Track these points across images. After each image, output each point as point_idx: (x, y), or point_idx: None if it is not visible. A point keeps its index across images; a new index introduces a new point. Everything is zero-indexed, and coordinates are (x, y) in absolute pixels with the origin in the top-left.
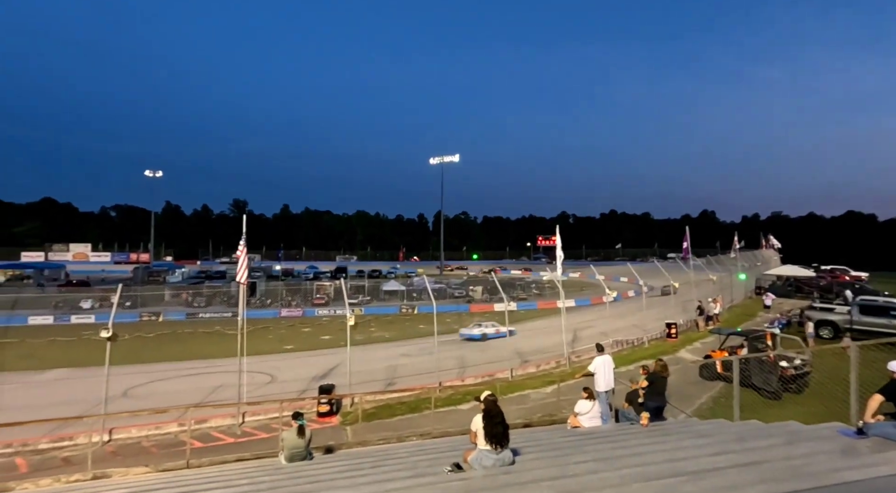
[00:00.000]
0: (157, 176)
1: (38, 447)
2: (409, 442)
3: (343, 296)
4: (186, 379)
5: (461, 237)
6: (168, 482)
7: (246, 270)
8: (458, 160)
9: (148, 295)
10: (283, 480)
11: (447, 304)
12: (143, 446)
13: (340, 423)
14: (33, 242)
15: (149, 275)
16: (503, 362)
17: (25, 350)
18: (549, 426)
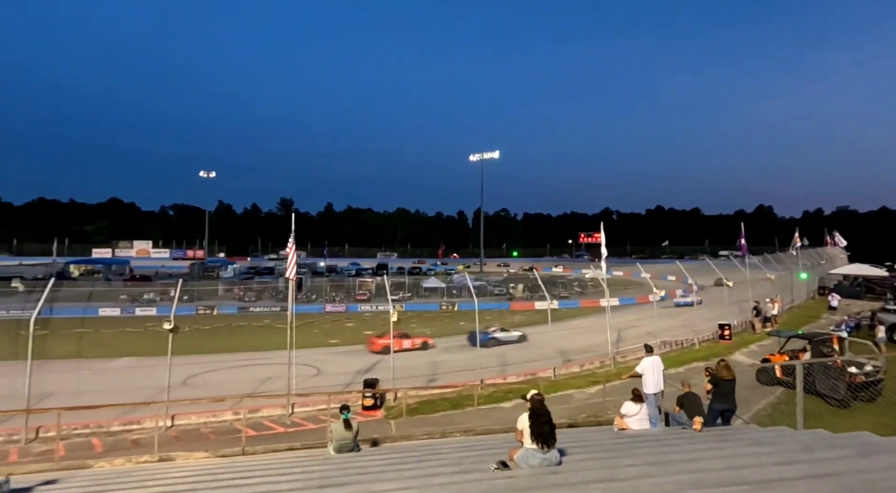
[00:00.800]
0: (211, 176)
1: (111, 429)
2: (453, 438)
3: (385, 292)
4: (239, 370)
5: (501, 234)
6: (226, 467)
7: (294, 266)
8: (497, 157)
9: (203, 290)
10: (333, 470)
11: (487, 301)
12: (201, 432)
13: (384, 417)
14: (102, 239)
15: (204, 270)
16: (545, 361)
17: (98, 340)
18: (594, 427)
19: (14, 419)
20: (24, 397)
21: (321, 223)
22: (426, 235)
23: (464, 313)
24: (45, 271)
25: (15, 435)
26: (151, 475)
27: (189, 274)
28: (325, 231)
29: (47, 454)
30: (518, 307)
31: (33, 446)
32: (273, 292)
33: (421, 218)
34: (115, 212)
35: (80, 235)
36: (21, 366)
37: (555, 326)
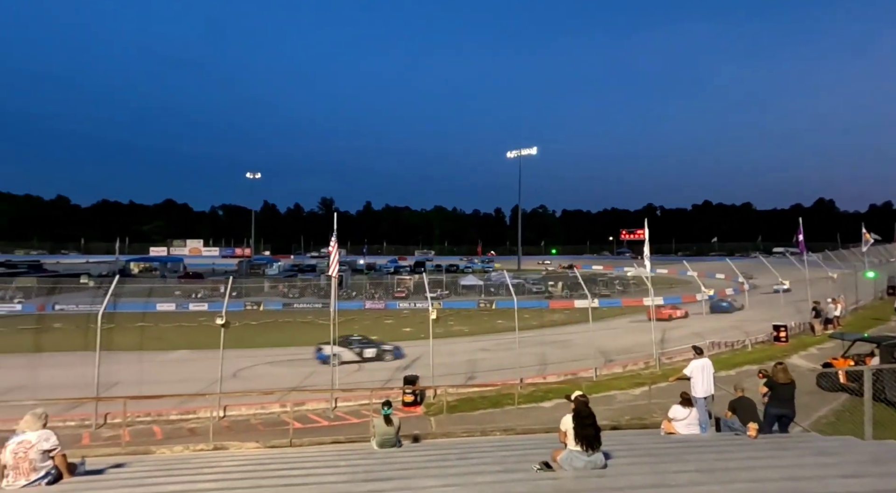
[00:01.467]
0: (257, 177)
1: (170, 417)
2: (493, 437)
3: (424, 289)
4: (284, 364)
5: (539, 232)
6: (276, 458)
7: (336, 264)
8: (535, 153)
9: (250, 286)
10: (376, 465)
11: (526, 299)
12: (251, 423)
13: (425, 413)
14: (158, 238)
15: (250, 268)
16: (586, 361)
17: (157, 333)
18: (639, 430)
19: (85, 406)
20: (93, 386)
21: (360, 222)
22: (463, 232)
23: (502, 312)
24: (109, 269)
25: (86, 420)
26: (207, 462)
27: (237, 271)
28: (364, 229)
29: (114, 439)
30: (557, 306)
31: (102, 431)
32: (315, 289)
33: (458, 216)
34: (170, 212)
35: (139, 234)
36: (91, 357)
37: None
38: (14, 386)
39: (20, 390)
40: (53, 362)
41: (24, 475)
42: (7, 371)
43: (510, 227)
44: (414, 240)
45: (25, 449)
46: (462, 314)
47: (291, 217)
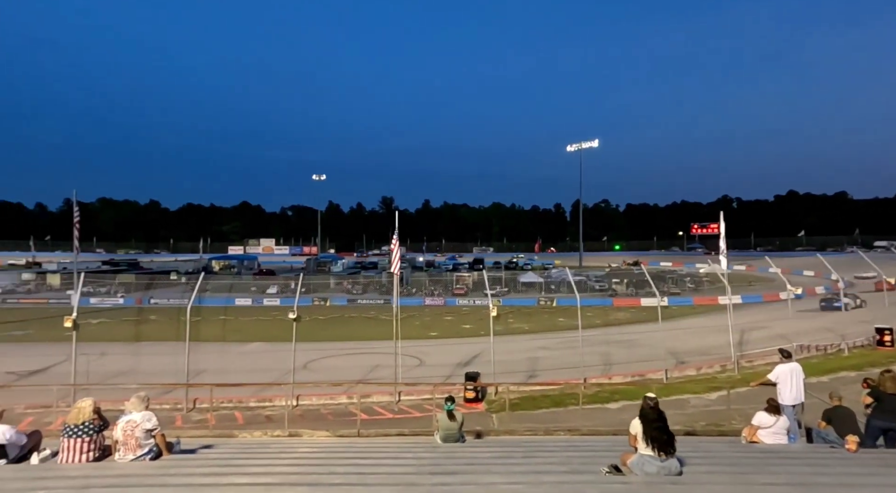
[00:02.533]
0: (322, 179)
1: (249, 404)
2: (557, 437)
3: (483, 286)
4: (350, 357)
5: (601, 227)
6: (345, 447)
7: (398, 261)
8: (597, 146)
9: (317, 283)
10: (441, 459)
11: (589, 297)
12: (321, 413)
13: (486, 410)
14: (235, 238)
15: (317, 265)
16: (655, 362)
17: (236, 326)
18: (716, 437)
19: (177, 391)
20: (184, 373)
21: (419, 220)
22: (522, 229)
23: (563, 309)
24: (194, 266)
25: (179, 405)
26: (283, 448)
27: (305, 269)
28: (423, 227)
29: (202, 422)
30: (622, 304)
31: (192, 414)
32: (377, 285)
33: (516, 212)
34: (245, 214)
35: (219, 234)
36: (181, 346)
37: (665, 324)
38: (120, 371)
39: (125, 375)
40: (151, 351)
41: (132, 450)
42: (114, 358)
43: (571, 223)
44: (472, 237)
45: (132, 428)
46: (522, 312)
47: (354, 216)
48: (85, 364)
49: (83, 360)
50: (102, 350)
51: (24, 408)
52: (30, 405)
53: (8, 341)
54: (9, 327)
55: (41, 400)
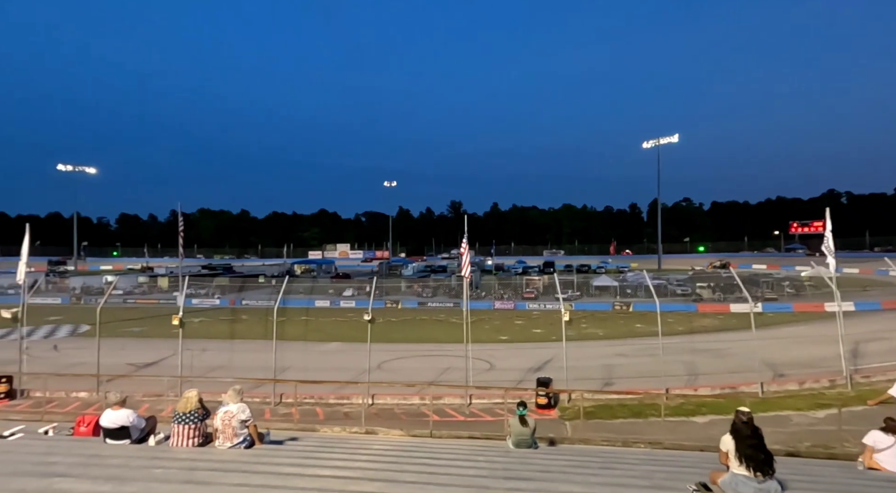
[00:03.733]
0: (393, 185)
1: (329, 401)
2: (637, 449)
3: (555, 290)
4: (421, 359)
5: (683, 227)
6: (418, 446)
7: (468, 265)
8: (676, 141)
9: (389, 286)
10: (514, 464)
11: (670, 302)
12: (395, 412)
13: (559, 417)
14: (315, 243)
15: (389, 269)
16: (747, 374)
17: (316, 326)
18: (825, 460)
19: (265, 386)
20: (271, 370)
21: (487, 223)
22: (594, 231)
23: (641, 315)
24: (279, 270)
25: (267, 399)
26: (361, 444)
27: (377, 272)
28: (491, 230)
29: (288, 416)
30: (708, 309)
31: (278, 408)
32: (447, 288)
33: (588, 213)
34: (323, 220)
35: (300, 240)
36: (269, 345)
37: (760, 333)
38: (217, 365)
39: (221, 369)
40: (243, 348)
41: (229, 438)
42: (212, 353)
43: (648, 223)
44: (542, 240)
45: (229, 418)
46: (596, 317)
47: (423, 221)
48: (189, 358)
49: (188, 354)
50: (203, 346)
51: (142, 396)
52: (146, 393)
53: (127, 336)
54: (128, 324)
55: (154, 389)
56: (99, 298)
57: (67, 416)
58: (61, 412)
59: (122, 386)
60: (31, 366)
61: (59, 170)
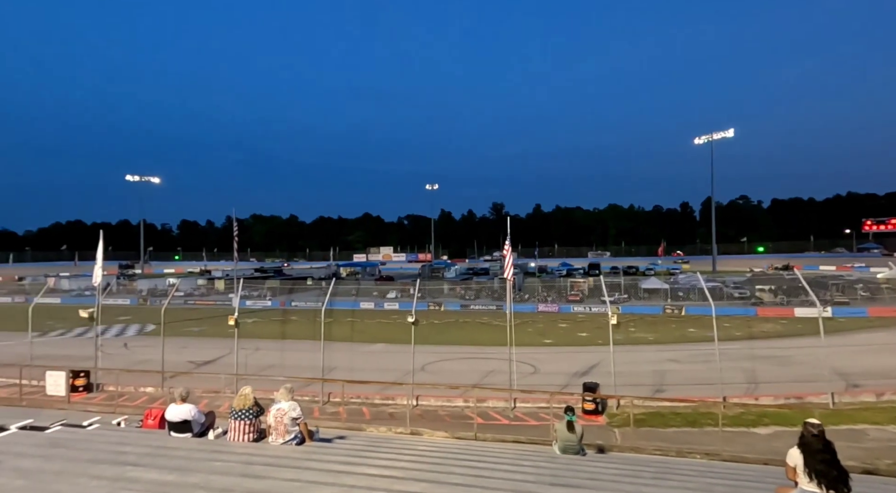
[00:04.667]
0: (434, 188)
1: (374, 401)
2: (692, 459)
3: (601, 292)
4: (464, 361)
5: (739, 227)
6: (463, 449)
7: (511, 267)
8: (732, 135)
9: (432, 288)
10: (561, 470)
11: (726, 305)
12: (439, 414)
13: (607, 423)
14: (359, 246)
15: (431, 271)
16: (816, 384)
17: (361, 328)
18: None
19: (314, 385)
20: (320, 369)
21: (530, 224)
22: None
23: (694, 319)
24: (325, 273)
25: (316, 397)
26: (406, 445)
27: (420, 274)
28: (534, 232)
29: (335, 415)
30: (769, 314)
31: (326, 407)
32: (489, 291)
33: (635, 213)
34: (367, 224)
35: (345, 243)
36: (317, 345)
37: (829, 339)
38: (269, 364)
39: (273, 367)
40: (293, 348)
41: (282, 435)
42: (265, 353)
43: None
44: (586, 241)
45: (281, 415)
46: (645, 320)
47: (465, 223)
48: (244, 357)
49: (242, 353)
50: (256, 346)
51: (201, 392)
52: (205, 390)
53: (189, 335)
54: (188, 324)
55: (213, 386)
56: (163, 299)
57: (137, 409)
58: (131, 406)
59: (184, 383)
60: (105, 362)
61: (127, 180)
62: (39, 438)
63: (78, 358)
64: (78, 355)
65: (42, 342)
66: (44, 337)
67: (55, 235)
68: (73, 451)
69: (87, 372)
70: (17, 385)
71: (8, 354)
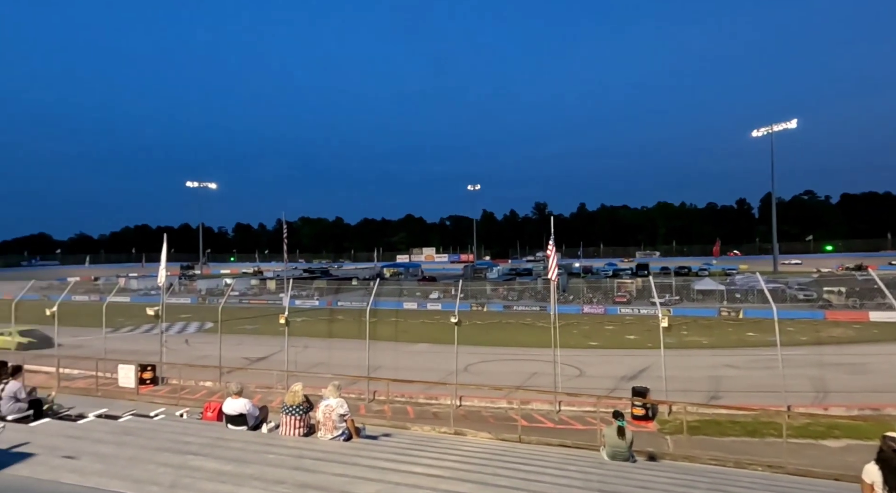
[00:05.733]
0: (476, 189)
1: (418, 400)
2: (753, 472)
3: (650, 294)
4: (507, 363)
5: (805, 224)
6: (507, 451)
7: (555, 268)
8: (794, 126)
9: (475, 289)
10: (610, 477)
11: (789, 308)
12: (482, 415)
13: (658, 430)
14: (402, 247)
15: (474, 272)
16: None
17: (405, 327)
18: None
19: (360, 383)
20: (365, 368)
21: (574, 224)
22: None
23: (753, 322)
24: (370, 273)
25: (362, 395)
26: (450, 445)
27: (462, 275)
28: (578, 231)
29: (380, 413)
30: (839, 317)
31: (372, 405)
32: (532, 292)
33: (687, 211)
34: (409, 225)
35: (388, 244)
36: (362, 344)
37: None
38: (317, 362)
39: (321, 365)
40: (339, 346)
41: (330, 431)
42: (313, 351)
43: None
44: (634, 240)
45: (329, 411)
46: (699, 323)
47: (507, 223)
48: (293, 355)
49: (292, 351)
50: (305, 344)
51: (255, 387)
52: (258, 385)
53: (243, 333)
54: (243, 322)
55: (266, 381)
56: (220, 298)
57: (197, 402)
58: (192, 398)
59: (239, 378)
60: (169, 357)
61: (187, 186)
62: (113, 426)
63: (145, 353)
64: (145, 350)
65: (114, 338)
66: (116, 333)
67: (125, 239)
68: (142, 439)
69: (153, 366)
70: (93, 377)
71: (86, 348)
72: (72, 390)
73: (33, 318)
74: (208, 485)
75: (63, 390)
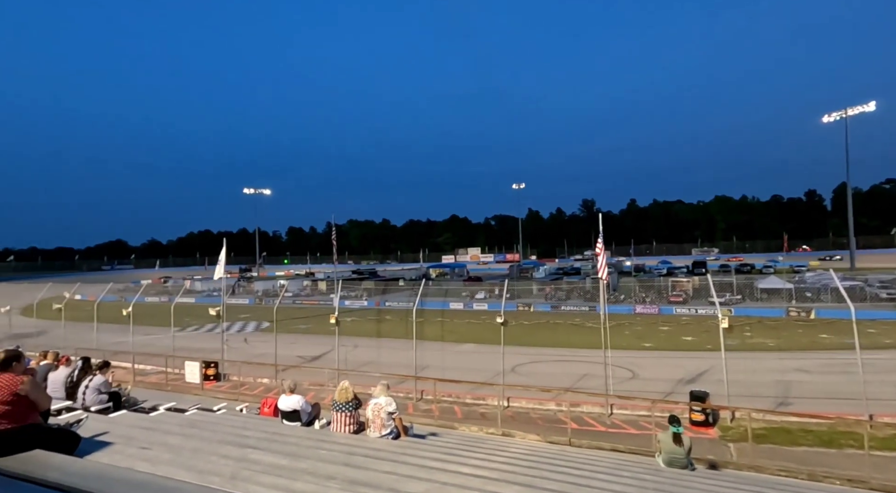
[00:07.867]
0: (521, 187)
1: (465, 400)
2: (829, 485)
3: (708, 293)
4: (556, 364)
5: (885, 217)
6: (557, 454)
7: (605, 266)
8: (873, 109)
9: (521, 289)
10: (667, 484)
11: (869, 308)
12: (531, 416)
13: (720, 437)
14: (448, 248)
15: (520, 271)
16: None
17: (451, 328)
18: None
19: (407, 382)
20: (412, 367)
21: (624, 221)
22: (757, 224)
23: (827, 323)
24: (416, 274)
25: (409, 394)
26: (498, 446)
27: (508, 275)
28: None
29: (428, 412)
30: None
31: (419, 404)
32: (581, 291)
33: (748, 205)
34: (454, 225)
35: (434, 245)
36: (409, 344)
37: None
38: (367, 361)
39: (370, 364)
40: (388, 346)
41: (378, 429)
42: (362, 350)
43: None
44: (689, 237)
45: (378, 409)
46: (764, 324)
47: (554, 222)
48: (344, 353)
49: (342, 350)
50: (355, 343)
51: (308, 384)
52: (311, 383)
53: (297, 332)
54: (297, 322)
55: (318, 379)
56: (275, 299)
57: (255, 398)
58: (250, 394)
59: (293, 375)
60: (229, 355)
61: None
62: (181, 419)
63: (208, 351)
64: (208, 348)
65: (181, 336)
66: (182, 332)
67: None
68: (206, 432)
69: (216, 363)
70: (164, 372)
71: (157, 346)
72: (145, 384)
73: (111, 317)
74: (265, 478)
75: (138, 384)
